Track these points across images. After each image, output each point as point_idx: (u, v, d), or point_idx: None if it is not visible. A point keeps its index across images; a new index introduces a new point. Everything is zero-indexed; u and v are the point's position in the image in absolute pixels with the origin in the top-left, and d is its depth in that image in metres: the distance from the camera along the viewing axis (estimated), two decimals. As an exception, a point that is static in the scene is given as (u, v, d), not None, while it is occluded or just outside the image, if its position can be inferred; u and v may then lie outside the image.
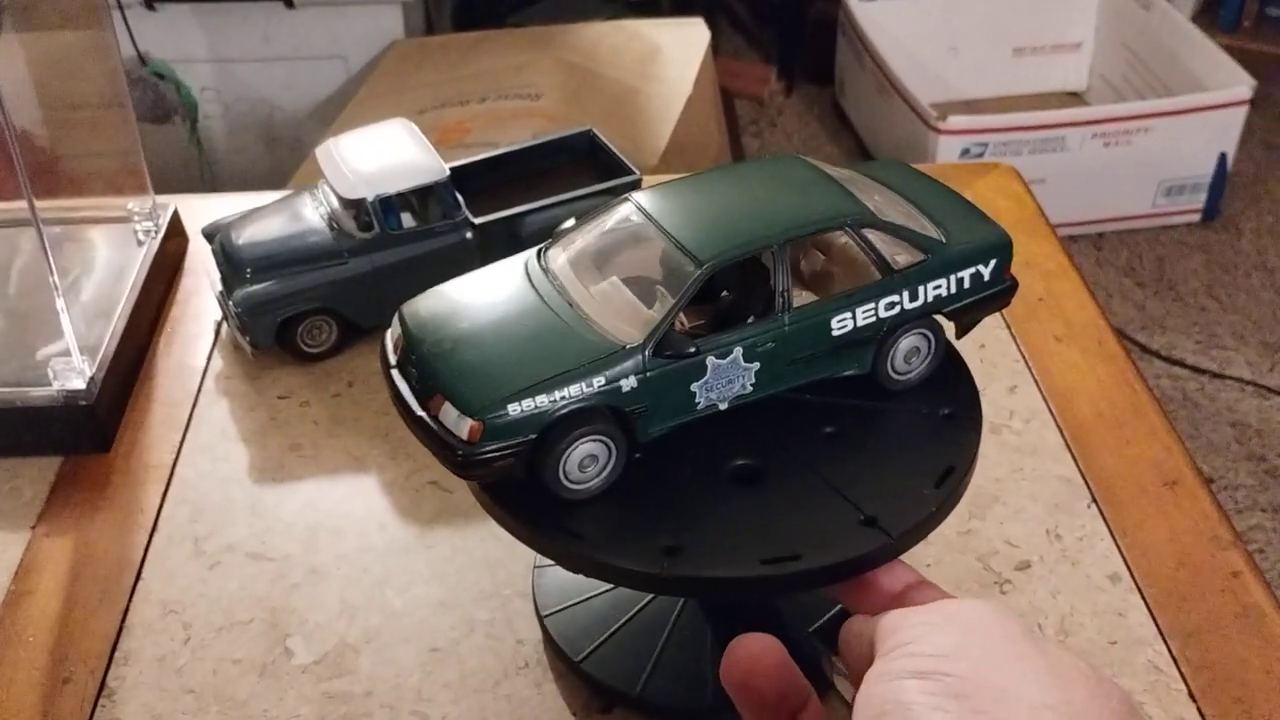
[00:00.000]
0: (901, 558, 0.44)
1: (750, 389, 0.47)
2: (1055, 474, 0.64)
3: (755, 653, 0.37)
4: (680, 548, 0.43)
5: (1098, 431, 0.67)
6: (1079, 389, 0.70)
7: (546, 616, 0.55)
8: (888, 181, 0.53)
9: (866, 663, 0.36)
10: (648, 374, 0.45)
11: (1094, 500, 0.63)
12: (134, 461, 0.67)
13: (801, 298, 0.48)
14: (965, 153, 1.99)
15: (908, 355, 0.49)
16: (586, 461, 0.45)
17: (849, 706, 0.40)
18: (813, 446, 0.47)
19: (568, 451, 0.44)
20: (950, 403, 0.49)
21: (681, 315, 0.47)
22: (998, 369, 0.71)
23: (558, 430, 0.44)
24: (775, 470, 0.46)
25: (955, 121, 1.98)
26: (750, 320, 0.46)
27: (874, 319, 0.48)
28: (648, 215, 0.48)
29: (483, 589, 0.59)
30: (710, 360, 0.45)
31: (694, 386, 0.46)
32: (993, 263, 0.50)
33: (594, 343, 0.45)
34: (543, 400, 0.43)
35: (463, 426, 0.44)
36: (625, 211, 0.49)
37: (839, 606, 0.44)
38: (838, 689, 0.41)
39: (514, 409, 0.43)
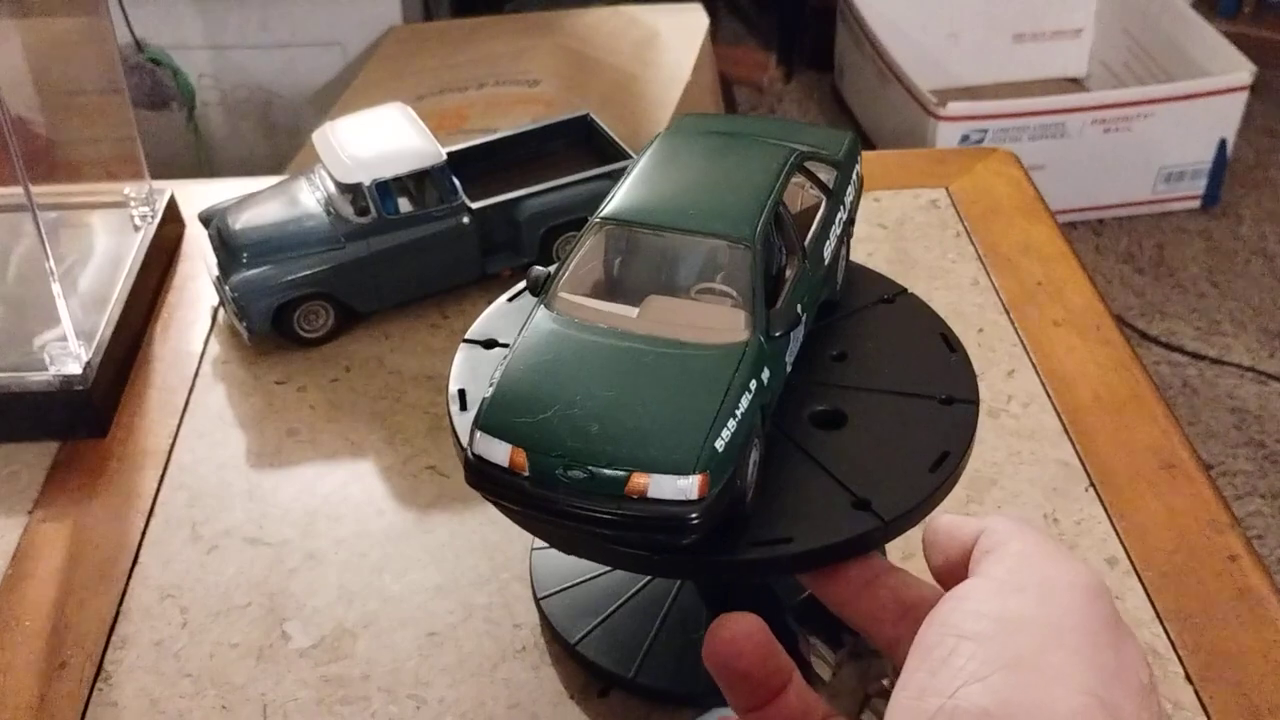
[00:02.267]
0: (898, 540, 0.44)
1: (801, 340, 0.47)
2: (1053, 458, 0.64)
3: (738, 633, 0.37)
4: None
5: (1096, 415, 0.67)
6: (1077, 373, 0.70)
7: (543, 599, 0.55)
8: (729, 128, 0.53)
9: (950, 561, 0.36)
10: (771, 359, 0.44)
11: (1092, 484, 0.63)
12: (131, 447, 0.67)
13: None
14: (965, 139, 1.99)
15: (841, 259, 0.52)
16: (754, 469, 0.43)
17: (825, 685, 0.40)
18: (804, 429, 0.47)
19: (750, 467, 0.42)
20: (947, 387, 0.49)
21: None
22: (996, 353, 0.71)
23: (744, 451, 0.41)
24: (766, 453, 0.46)
25: (955, 108, 1.98)
26: (787, 274, 0.46)
27: (839, 236, 0.50)
28: (647, 227, 0.45)
29: (480, 573, 0.59)
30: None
31: (787, 355, 0.46)
32: (858, 159, 0.53)
33: (718, 358, 0.42)
34: (731, 425, 0.41)
35: (689, 487, 0.39)
36: (607, 236, 0.46)
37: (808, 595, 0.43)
38: (814, 669, 0.41)
39: (719, 445, 0.40)
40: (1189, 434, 0.66)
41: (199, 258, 0.79)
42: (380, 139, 0.72)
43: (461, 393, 0.48)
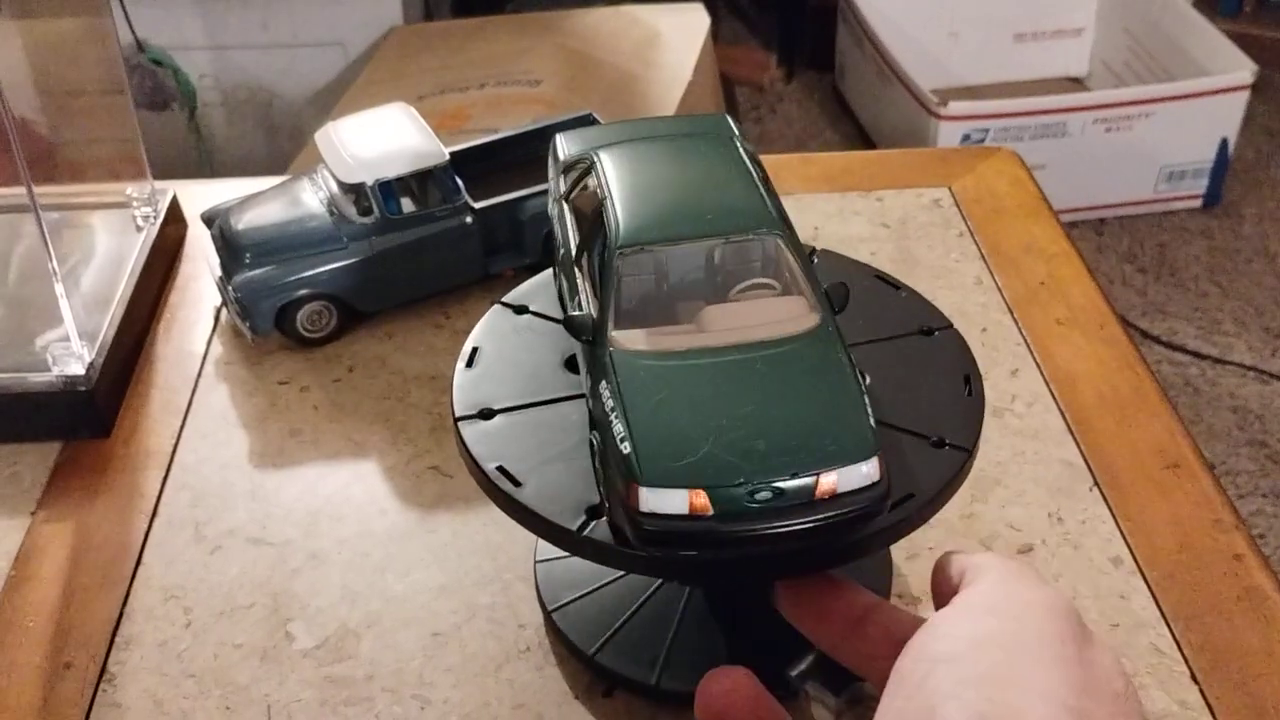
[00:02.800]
0: (903, 542, 0.44)
1: None
2: (1057, 457, 0.64)
3: (728, 688, 0.37)
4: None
5: (1100, 415, 0.67)
6: (1081, 372, 0.70)
7: (554, 610, 0.55)
8: (629, 135, 0.52)
9: (944, 598, 0.37)
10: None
11: (1096, 483, 0.62)
12: (134, 447, 0.67)
13: None
14: (966, 139, 1.99)
15: None
16: None
17: None
18: None
19: None
20: (946, 430, 0.47)
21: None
22: (999, 353, 0.71)
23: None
24: None
25: (956, 107, 1.98)
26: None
27: None
28: (670, 242, 0.44)
29: (484, 573, 0.59)
30: None
31: None
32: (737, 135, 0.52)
33: (817, 343, 0.42)
34: (868, 399, 0.41)
35: (872, 471, 0.39)
36: (632, 264, 0.44)
37: (817, 650, 0.42)
38: (815, 717, 0.41)
39: (873, 421, 0.40)
40: (1191, 434, 0.66)
41: (201, 258, 0.79)
42: (383, 139, 0.72)
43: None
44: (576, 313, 0.44)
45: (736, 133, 0.51)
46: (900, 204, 0.85)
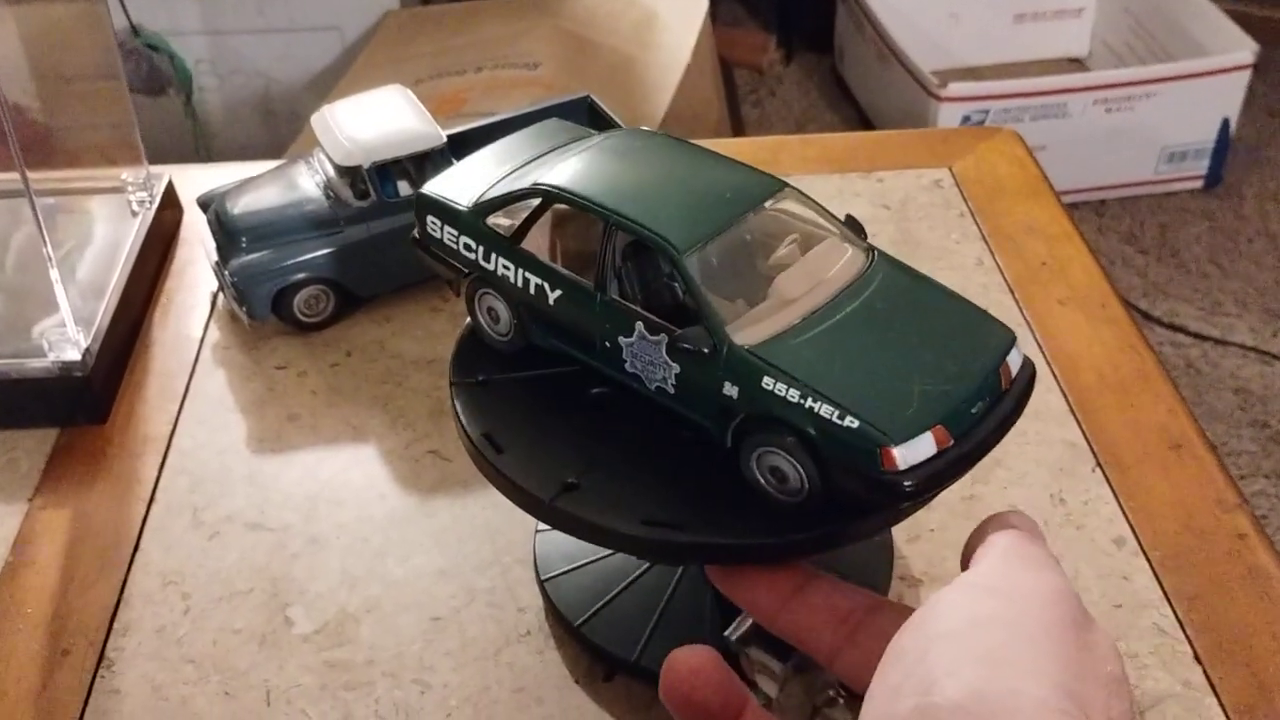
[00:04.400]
0: (907, 522, 0.44)
1: None
2: (1059, 438, 0.64)
3: (694, 666, 0.37)
4: (579, 486, 0.44)
5: (1102, 395, 0.66)
6: (1083, 353, 0.69)
7: (546, 580, 0.55)
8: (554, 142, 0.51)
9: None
10: None
11: (1098, 464, 0.62)
12: (131, 433, 0.66)
13: None
14: (966, 120, 1.98)
15: None
16: None
17: (773, 702, 0.40)
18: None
19: None
20: None
21: None
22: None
23: None
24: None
25: (956, 89, 1.97)
26: None
27: None
28: (722, 228, 0.44)
29: (483, 557, 0.58)
30: None
31: None
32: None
33: (898, 270, 0.46)
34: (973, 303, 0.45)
35: (1018, 352, 0.43)
36: (696, 261, 0.43)
37: (749, 617, 0.43)
38: (760, 687, 0.41)
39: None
40: (1193, 414, 0.66)
41: (198, 243, 0.79)
42: (379, 121, 0.72)
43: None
44: (684, 330, 0.42)
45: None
46: (901, 185, 0.84)
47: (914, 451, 0.39)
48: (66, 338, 0.66)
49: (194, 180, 0.82)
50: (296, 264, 0.70)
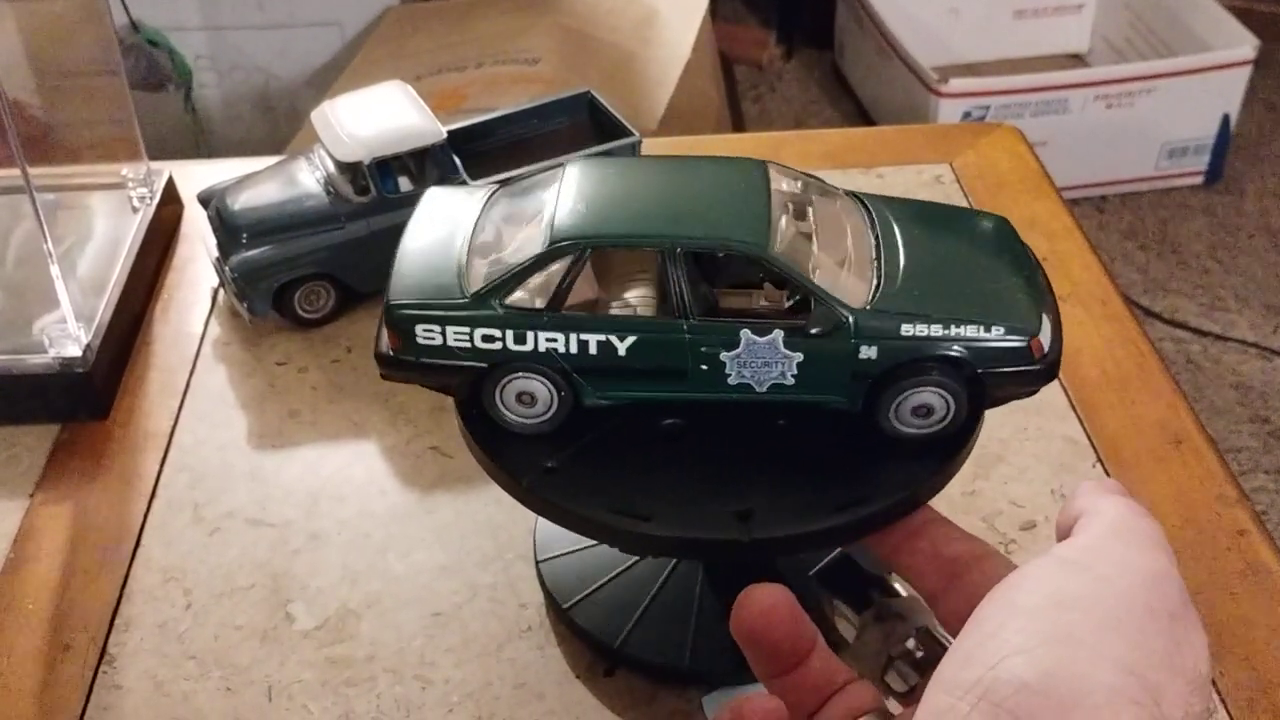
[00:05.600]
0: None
1: None
2: (1060, 433, 0.64)
3: (767, 605, 0.37)
4: (556, 471, 0.44)
5: (1102, 391, 0.66)
6: (1084, 348, 0.69)
7: (543, 562, 0.55)
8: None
9: (1062, 530, 0.37)
10: None
11: (1099, 459, 0.62)
12: (132, 429, 0.66)
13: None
14: (966, 115, 1.98)
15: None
16: None
17: (849, 647, 0.40)
18: (751, 431, 0.46)
19: None
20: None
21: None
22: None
23: None
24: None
25: (956, 84, 1.96)
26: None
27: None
28: (763, 224, 0.44)
29: (485, 553, 0.58)
30: None
31: None
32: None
33: (907, 199, 0.50)
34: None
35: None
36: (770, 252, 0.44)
37: (839, 550, 0.43)
38: (839, 631, 0.41)
39: None
40: (1193, 410, 0.66)
41: (198, 239, 0.79)
42: (380, 117, 0.72)
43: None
44: (810, 317, 0.43)
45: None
46: (901, 180, 0.84)
47: (1046, 334, 0.44)
48: (67, 334, 0.66)
49: (194, 176, 0.82)
50: (297, 259, 0.70)
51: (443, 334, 0.44)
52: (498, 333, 0.43)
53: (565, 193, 0.45)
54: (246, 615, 0.56)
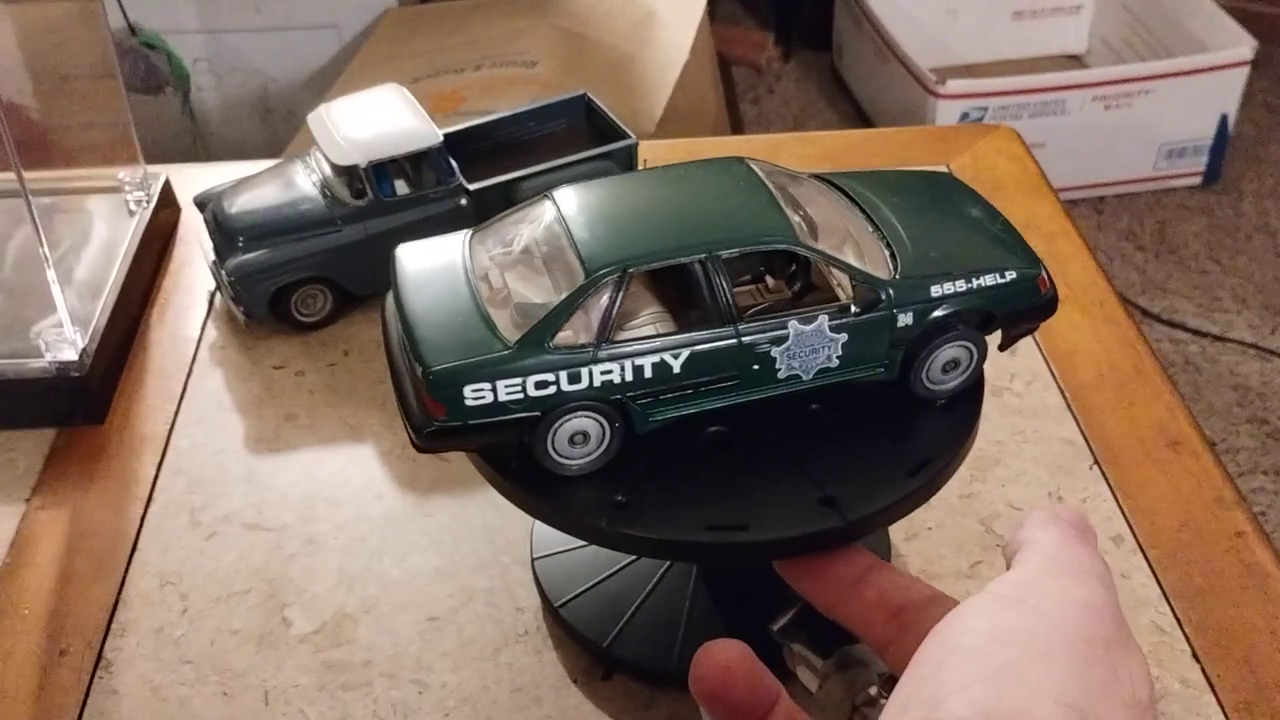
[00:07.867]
0: (903, 521, 0.44)
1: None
2: (1057, 436, 0.64)
3: (723, 662, 0.36)
4: (629, 504, 0.43)
5: (1100, 393, 0.66)
6: (1081, 350, 0.69)
7: (538, 559, 0.55)
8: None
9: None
10: None
11: (1096, 462, 0.62)
12: (128, 433, 0.66)
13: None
14: (965, 117, 1.98)
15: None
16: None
17: (812, 697, 0.40)
18: (791, 421, 0.46)
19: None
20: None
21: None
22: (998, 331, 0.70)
23: None
24: (746, 439, 0.45)
25: (954, 86, 1.97)
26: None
27: None
28: (788, 221, 0.45)
29: (481, 557, 0.58)
30: None
31: None
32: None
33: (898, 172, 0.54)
34: None
35: None
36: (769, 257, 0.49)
37: (800, 603, 0.42)
38: (801, 681, 0.40)
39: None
40: (1191, 411, 0.66)
41: (195, 242, 0.79)
42: (376, 120, 0.72)
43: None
44: (852, 296, 0.45)
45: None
46: (898, 182, 0.84)
47: (1044, 271, 0.47)
48: (64, 338, 0.66)
49: (191, 179, 0.82)
50: (294, 263, 0.69)
51: (493, 390, 0.42)
52: (551, 376, 0.42)
53: (575, 221, 0.44)
54: (243, 620, 0.56)
